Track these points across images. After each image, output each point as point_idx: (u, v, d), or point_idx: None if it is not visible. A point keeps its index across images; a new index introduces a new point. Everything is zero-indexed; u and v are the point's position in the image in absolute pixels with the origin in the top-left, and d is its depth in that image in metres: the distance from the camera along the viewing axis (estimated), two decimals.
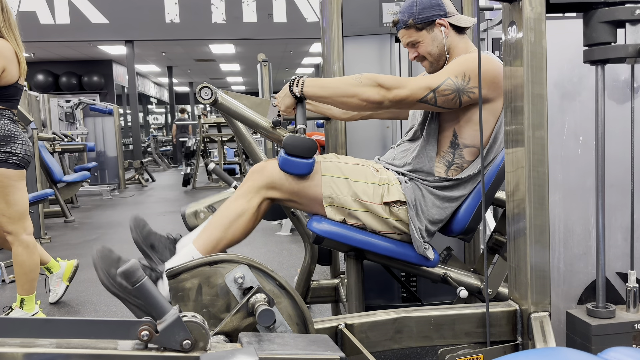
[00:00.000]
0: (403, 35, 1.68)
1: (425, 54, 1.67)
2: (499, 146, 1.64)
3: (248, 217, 1.51)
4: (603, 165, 1.24)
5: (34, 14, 8.81)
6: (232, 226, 1.50)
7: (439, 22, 1.63)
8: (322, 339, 1.08)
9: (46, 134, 5.92)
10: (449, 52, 1.66)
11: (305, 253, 2.14)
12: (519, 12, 1.24)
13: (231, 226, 1.50)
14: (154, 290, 0.93)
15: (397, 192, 1.57)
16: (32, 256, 2.51)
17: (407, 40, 1.68)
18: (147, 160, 11.21)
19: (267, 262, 3.57)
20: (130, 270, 0.91)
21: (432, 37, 1.65)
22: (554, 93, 1.37)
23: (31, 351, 0.89)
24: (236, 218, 1.50)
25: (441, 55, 1.66)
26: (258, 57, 5.04)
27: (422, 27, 1.64)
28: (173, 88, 16.00)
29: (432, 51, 1.66)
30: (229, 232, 1.50)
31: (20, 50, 2.39)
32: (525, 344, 1.31)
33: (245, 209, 1.50)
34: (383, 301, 2.19)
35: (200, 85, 1.60)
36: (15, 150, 2.37)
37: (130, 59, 9.69)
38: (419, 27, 1.64)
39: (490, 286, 1.68)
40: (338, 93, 1.54)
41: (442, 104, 1.54)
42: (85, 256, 4.02)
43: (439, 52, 1.66)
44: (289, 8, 9.25)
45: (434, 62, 1.68)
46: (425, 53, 1.67)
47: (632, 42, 1.15)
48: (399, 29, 1.69)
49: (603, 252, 1.26)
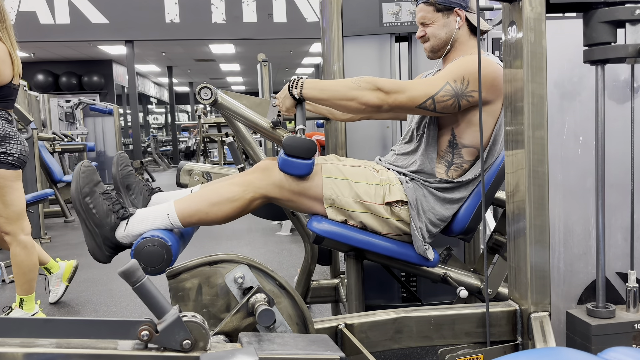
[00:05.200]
0: (420, 10, 1.69)
1: (432, 36, 1.68)
2: (498, 147, 1.64)
3: (237, 205, 1.51)
4: (603, 165, 1.24)
5: (33, 14, 8.79)
6: (217, 206, 1.50)
7: (457, 11, 1.64)
8: (322, 339, 1.08)
9: (46, 134, 5.91)
10: (452, 45, 1.67)
11: (305, 253, 2.14)
12: (519, 12, 1.23)
13: (217, 206, 1.50)
14: (154, 290, 0.93)
15: (399, 192, 1.57)
16: (31, 256, 2.51)
17: (421, 16, 1.69)
18: (147, 160, 11.21)
19: (267, 262, 3.57)
20: (130, 270, 0.91)
21: (445, 22, 1.66)
22: (554, 93, 1.37)
23: (31, 351, 0.89)
24: (225, 201, 1.50)
25: (445, 44, 1.67)
26: (258, 57, 5.04)
27: (441, 10, 1.65)
28: (173, 88, 16.00)
29: (439, 36, 1.67)
30: (212, 211, 1.50)
31: (14, 50, 2.39)
32: (525, 344, 1.31)
33: (238, 198, 1.51)
34: (383, 301, 2.19)
35: (200, 86, 1.60)
36: (11, 150, 2.37)
37: (130, 59, 9.68)
38: (439, 7, 1.65)
39: (490, 286, 1.68)
40: (337, 96, 1.54)
41: (441, 109, 1.54)
42: (85, 256, 4.02)
43: (445, 40, 1.67)
44: (289, 8, 9.24)
45: (435, 47, 1.69)
46: (432, 35, 1.68)
47: (632, 42, 1.15)
48: (419, 2, 1.70)
49: (603, 252, 1.26)
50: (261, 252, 4.02)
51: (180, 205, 1.50)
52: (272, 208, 1.98)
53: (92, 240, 1.46)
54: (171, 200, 1.53)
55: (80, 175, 1.42)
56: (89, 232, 1.44)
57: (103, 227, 1.44)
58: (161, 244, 1.41)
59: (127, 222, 1.46)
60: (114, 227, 1.46)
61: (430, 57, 1.74)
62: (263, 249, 4.16)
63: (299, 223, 2.01)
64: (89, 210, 1.42)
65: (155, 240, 1.41)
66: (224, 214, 1.52)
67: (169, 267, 1.18)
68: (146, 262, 1.40)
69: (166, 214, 1.49)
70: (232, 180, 1.55)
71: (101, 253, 1.47)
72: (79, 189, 1.41)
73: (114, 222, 1.45)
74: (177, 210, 1.49)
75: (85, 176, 1.43)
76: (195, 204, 1.51)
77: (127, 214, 1.46)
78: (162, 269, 1.41)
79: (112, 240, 1.47)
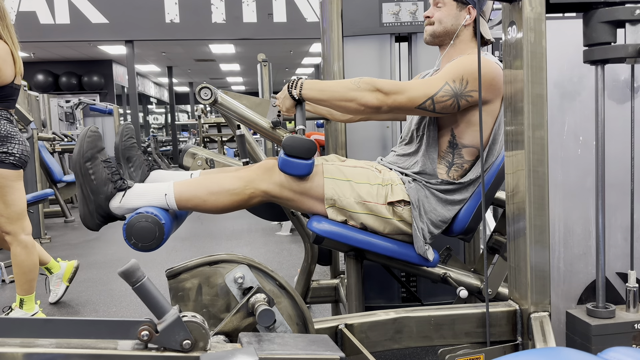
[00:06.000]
0: None
1: (437, 21, 1.68)
2: (498, 147, 1.64)
3: (235, 199, 1.52)
4: (603, 165, 1.24)
5: (33, 14, 8.79)
6: (216, 196, 1.51)
7: (470, 8, 1.65)
8: (322, 339, 1.08)
9: (46, 134, 5.91)
10: (454, 41, 1.67)
11: (305, 253, 2.14)
12: (519, 12, 1.23)
13: (215, 195, 1.51)
14: (154, 290, 0.93)
15: (401, 192, 1.57)
16: (31, 256, 2.51)
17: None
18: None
19: (267, 262, 3.57)
20: (130, 270, 0.91)
21: (456, 14, 1.66)
22: (554, 93, 1.37)
23: (31, 351, 0.89)
24: (225, 192, 1.51)
25: (446, 35, 1.68)
26: (258, 57, 5.04)
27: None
28: (173, 88, 16.00)
29: (444, 23, 1.67)
30: (210, 199, 1.51)
31: (16, 50, 2.39)
32: (525, 344, 1.31)
33: (239, 192, 1.51)
34: (383, 301, 2.19)
35: (200, 86, 1.60)
36: (12, 150, 2.37)
37: (130, 59, 9.68)
38: None
39: (490, 286, 1.68)
40: (336, 97, 1.54)
41: (441, 110, 1.54)
42: (85, 256, 4.02)
43: (447, 31, 1.67)
44: (289, 8, 9.24)
45: (436, 33, 1.69)
46: (438, 19, 1.68)
47: (632, 42, 1.15)
48: None
49: (603, 252, 1.26)
50: (261, 252, 4.02)
51: (179, 188, 1.50)
52: (272, 208, 1.98)
53: (85, 207, 1.46)
54: (171, 181, 1.53)
55: (86, 139, 1.42)
56: (84, 198, 1.44)
57: (99, 195, 1.44)
58: (155, 221, 1.41)
59: (123, 194, 1.46)
60: (110, 196, 1.46)
61: (427, 41, 1.73)
62: (263, 249, 4.16)
63: (299, 223, 2.02)
64: (88, 175, 1.42)
65: (149, 217, 1.41)
66: (221, 204, 1.52)
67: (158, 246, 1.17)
68: (137, 238, 1.40)
69: (164, 194, 1.49)
70: (235, 173, 1.55)
71: (92, 220, 1.47)
72: (82, 153, 1.41)
73: (110, 192, 1.45)
74: (175, 192, 1.49)
75: (91, 141, 1.42)
76: (194, 189, 1.51)
77: (125, 185, 1.47)
78: (153, 246, 1.41)
79: (105, 209, 1.47)
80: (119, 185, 1.46)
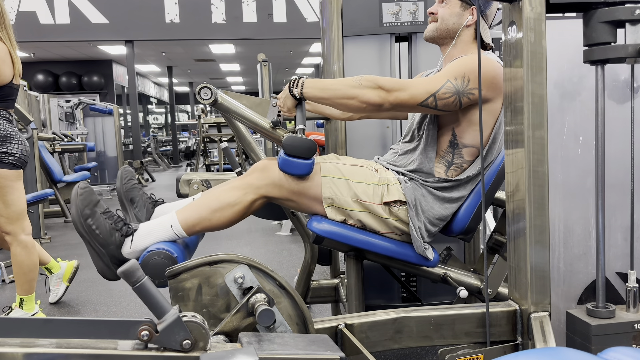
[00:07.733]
0: None
1: (440, 18, 1.68)
2: (498, 146, 1.64)
3: (238, 209, 1.51)
4: (603, 165, 1.24)
5: (33, 14, 8.79)
6: (219, 212, 1.50)
7: (473, 9, 1.65)
8: (322, 339, 1.08)
9: (46, 134, 5.91)
10: (455, 42, 1.67)
11: (305, 253, 2.14)
12: (519, 12, 1.23)
13: (219, 212, 1.50)
14: (154, 290, 0.93)
15: (397, 192, 1.57)
16: (31, 256, 2.51)
17: None
18: (147, 160, 11.21)
19: (267, 262, 3.57)
20: (130, 270, 0.91)
21: (459, 13, 1.66)
22: (554, 93, 1.37)
23: (31, 351, 0.89)
24: (226, 206, 1.50)
25: (447, 34, 1.68)
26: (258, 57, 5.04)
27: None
28: (173, 88, 16.00)
29: (447, 22, 1.67)
30: (215, 217, 1.50)
31: (14, 50, 2.39)
32: (525, 344, 1.31)
33: (239, 201, 1.51)
34: (383, 301, 2.19)
35: (200, 86, 1.60)
36: (12, 150, 2.37)
37: (130, 59, 9.68)
38: None
39: (490, 286, 1.68)
40: (338, 95, 1.54)
41: (443, 107, 1.54)
42: (85, 256, 4.01)
43: (449, 29, 1.67)
44: (289, 8, 9.25)
45: (437, 30, 1.69)
46: (441, 17, 1.68)
47: (632, 42, 1.15)
48: None
49: (603, 252, 1.26)
50: (261, 252, 4.02)
51: (183, 215, 1.49)
52: (272, 208, 1.98)
53: (100, 261, 1.44)
54: (173, 211, 1.52)
55: (79, 197, 1.39)
56: (96, 253, 1.42)
57: (109, 247, 1.43)
58: (167, 256, 1.42)
59: (132, 239, 1.45)
60: (120, 244, 1.45)
61: (427, 37, 1.73)
62: (263, 249, 4.16)
63: (299, 223, 2.02)
64: (92, 231, 1.40)
65: (161, 252, 1.42)
66: (226, 219, 1.51)
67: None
68: (153, 275, 1.40)
69: (170, 226, 1.48)
70: (231, 184, 1.54)
71: (110, 272, 1.46)
72: (80, 212, 1.39)
73: (118, 240, 1.44)
74: (180, 220, 1.48)
75: (84, 198, 1.40)
76: (197, 213, 1.50)
77: (130, 230, 1.45)
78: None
79: (120, 257, 1.45)
80: (125, 232, 1.45)
